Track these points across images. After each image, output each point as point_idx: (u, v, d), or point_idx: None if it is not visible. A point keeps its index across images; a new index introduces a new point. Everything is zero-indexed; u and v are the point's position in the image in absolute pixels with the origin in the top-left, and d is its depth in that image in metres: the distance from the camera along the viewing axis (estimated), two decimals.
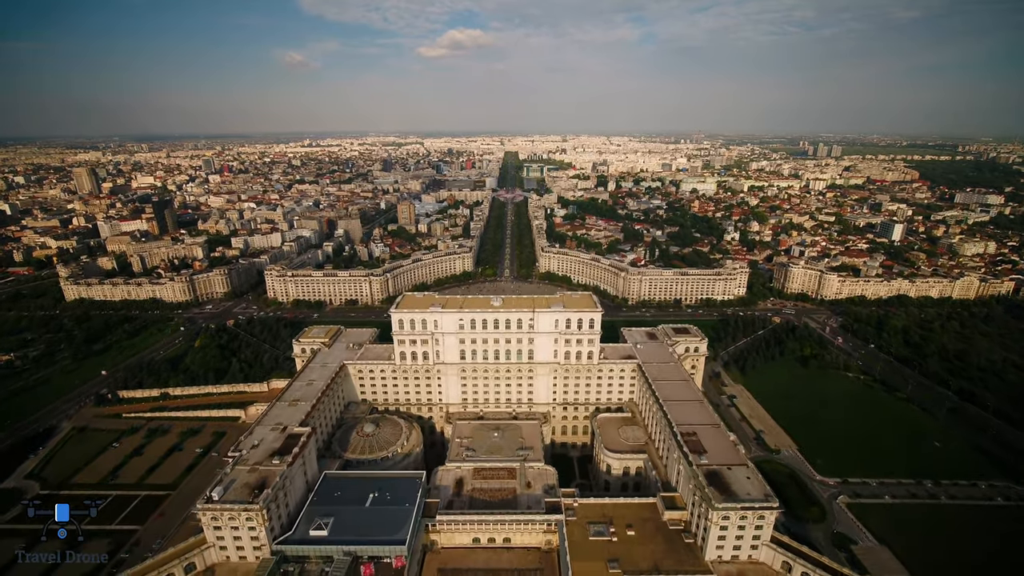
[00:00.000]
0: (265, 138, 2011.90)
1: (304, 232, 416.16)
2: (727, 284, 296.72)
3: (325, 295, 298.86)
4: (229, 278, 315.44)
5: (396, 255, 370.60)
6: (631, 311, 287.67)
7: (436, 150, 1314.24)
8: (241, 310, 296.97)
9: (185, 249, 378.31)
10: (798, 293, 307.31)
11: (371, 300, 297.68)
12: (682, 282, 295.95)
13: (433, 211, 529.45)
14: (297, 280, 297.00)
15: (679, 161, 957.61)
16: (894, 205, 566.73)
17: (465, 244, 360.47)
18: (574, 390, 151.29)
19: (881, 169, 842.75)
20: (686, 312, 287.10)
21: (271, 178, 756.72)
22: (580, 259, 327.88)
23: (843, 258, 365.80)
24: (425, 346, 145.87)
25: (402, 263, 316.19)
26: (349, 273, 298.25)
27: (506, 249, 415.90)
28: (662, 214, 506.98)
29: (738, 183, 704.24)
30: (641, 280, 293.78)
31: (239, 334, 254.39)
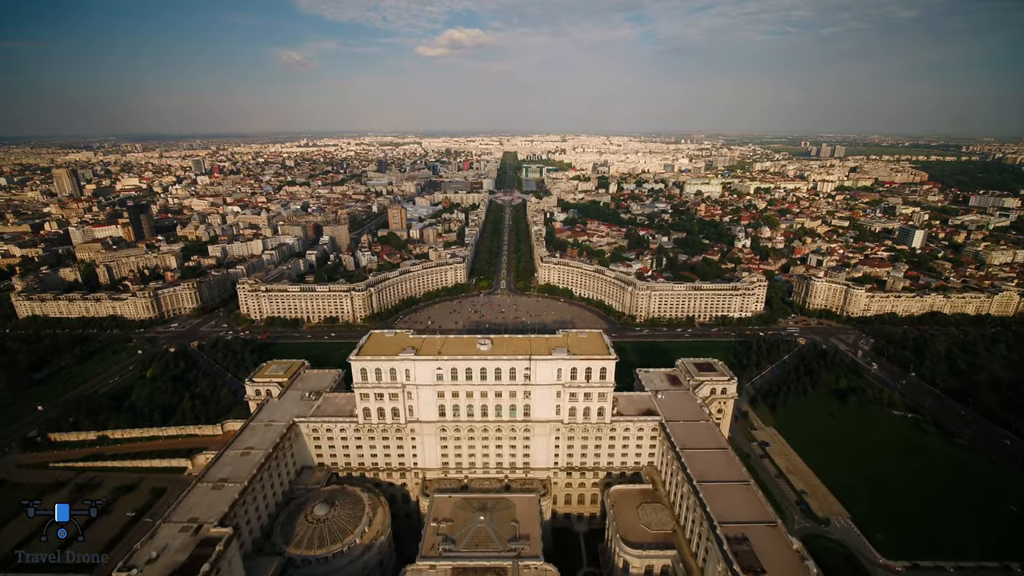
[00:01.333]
0: (263, 138, 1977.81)
1: (287, 239, 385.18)
2: (744, 300, 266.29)
3: (302, 312, 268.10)
4: (199, 292, 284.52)
5: (384, 265, 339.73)
6: (639, 330, 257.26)
7: (434, 150, 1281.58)
8: (210, 328, 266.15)
9: (157, 258, 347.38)
10: (821, 309, 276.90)
11: (353, 317, 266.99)
12: (695, 298, 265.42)
13: (427, 215, 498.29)
14: (271, 296, 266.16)
15: (681, 162, 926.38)
16: (907, 208, 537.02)
17: (459, 253, 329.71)
18: (580, 453, 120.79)
19: (889, 170, 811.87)
20: (700, 331, 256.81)
21: (262, 179, 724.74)
22: (582, 270, 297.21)
23: (864, 268, 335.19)
24: (395, 401, 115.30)
25: (388, 275, 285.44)
26: (328, 288, 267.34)
27: (503, 257, 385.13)
28: (667, 218, 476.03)
29: (743, 185, 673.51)
30: (650, 296, 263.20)
31: (200, 359, 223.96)
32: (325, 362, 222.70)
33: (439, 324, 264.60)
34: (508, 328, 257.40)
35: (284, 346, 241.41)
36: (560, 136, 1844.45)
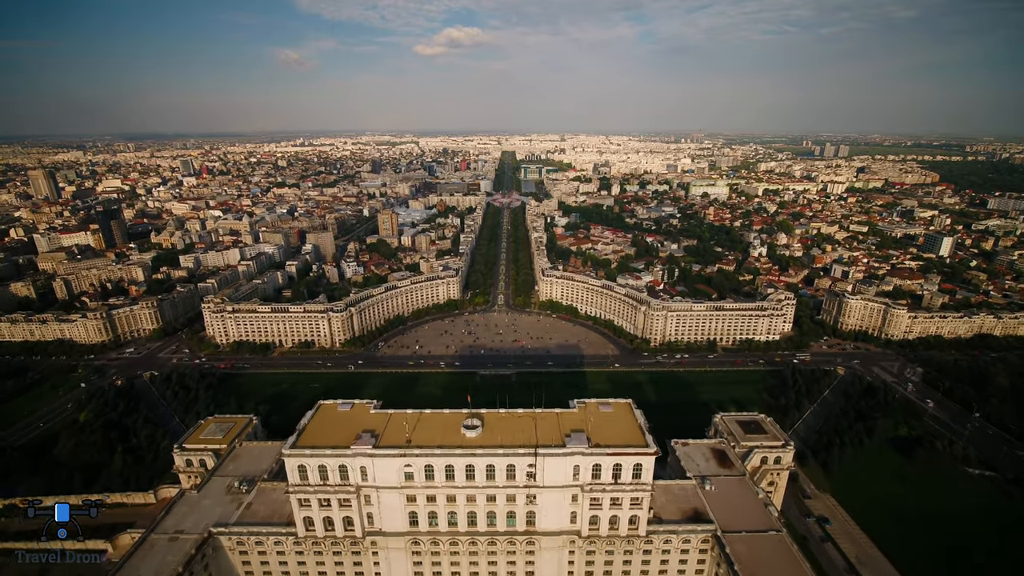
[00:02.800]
0: (260, 137, 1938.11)
1: (267, 248, 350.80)
2: (772, 321, 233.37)
3: (274, 335, 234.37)
4: (160, 311, 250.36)
5: (370, 277, 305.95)
6: (654, 356, 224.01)
7: (431, 149, 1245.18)
8: (169, 354, 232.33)
9: (122, 270, 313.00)
10: (856, 330, 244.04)
11: (331, 342, 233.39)
12: (717, 319, 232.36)
13: (420, 219, 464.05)
14: (239, 317, 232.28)
15: (683, 162, 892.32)
16: (925, 212, 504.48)
17: (452, 265, 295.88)
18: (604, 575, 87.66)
19: (898, 171, 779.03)
20: (724, 358, 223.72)
21: (251, 180, 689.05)
22: (588, 286, 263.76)
23: (894, 280, 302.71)
24: (347, 509, 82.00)
25: (372, 292, 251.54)
26: (303, 308, 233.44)
27: (500, 267, 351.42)
28: (676, 223, 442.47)
29: (750, 186, 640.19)
30: (667, 317, 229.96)
31: (148, 396, 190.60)
32: (292, 400, 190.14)
33: (428, 349, 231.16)
34: (506, 355, 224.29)
35: (249, 378, 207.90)
36: (559, 136, 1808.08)
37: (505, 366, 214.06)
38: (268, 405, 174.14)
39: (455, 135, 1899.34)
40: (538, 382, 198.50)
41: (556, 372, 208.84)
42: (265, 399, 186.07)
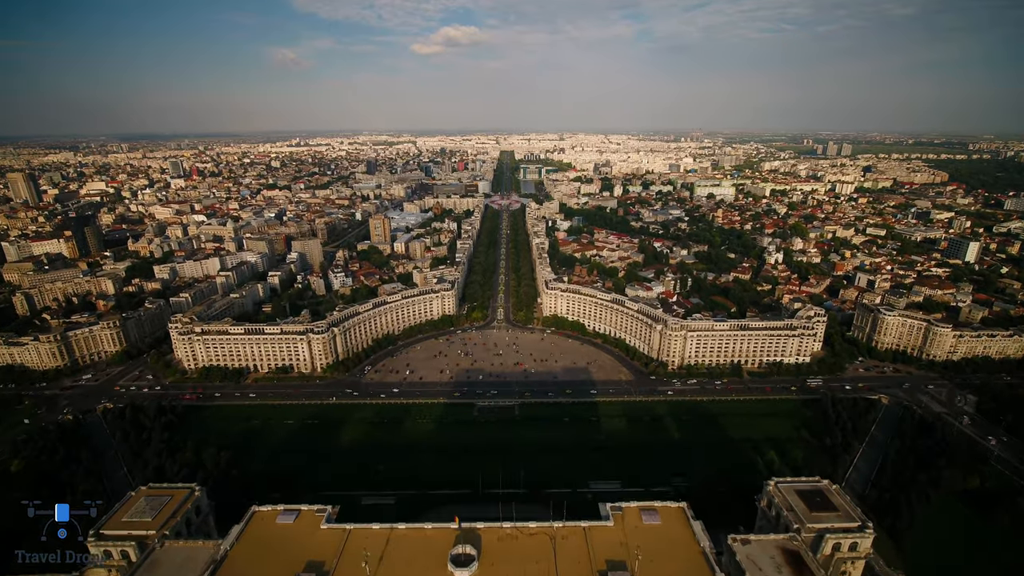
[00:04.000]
0: (257, 137, 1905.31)
1: (249, 256, 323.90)
2: (802, 341, 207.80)
3: (248, 359, 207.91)
4: (123, 331, 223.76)
5: (360, 289, 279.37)
6: (672, 383, 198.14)
7: (428, 149, 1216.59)
8: (131, 380, 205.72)
9: (91, 283, 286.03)
10: (894, 350, 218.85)
11: (311, 366, 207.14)
12: (742, 339, 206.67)
13: (415, 224, 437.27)
14: (208, 339, 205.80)
15: (686, 161, 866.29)
16: (942, 213, 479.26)
17: (448, 277, 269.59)
18: None
19: (905, 170, 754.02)
20: (752, 383, 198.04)
21: (242, 182, 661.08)
22: (597, 300, 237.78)
23: (923, 289, 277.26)
24: None
25: (358, 309, 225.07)
26: (280, 329, 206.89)
27: (500, 276, 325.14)
28: (684, 227, 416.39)
29: (756, 187, 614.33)
30: (686, 337, 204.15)
31: (98, 435, 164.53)
32: (262, 442, 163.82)
33: (420, 374, 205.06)
34: (507, 381, 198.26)
35: (215, 411, 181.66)
36: (558, 135, 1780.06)
37: (506, 395, 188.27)
38: (230, 451, 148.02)
39: (453, 135, 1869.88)
40: (544, 416, 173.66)
41: (564, 403, 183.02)
42: (230, 441, 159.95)
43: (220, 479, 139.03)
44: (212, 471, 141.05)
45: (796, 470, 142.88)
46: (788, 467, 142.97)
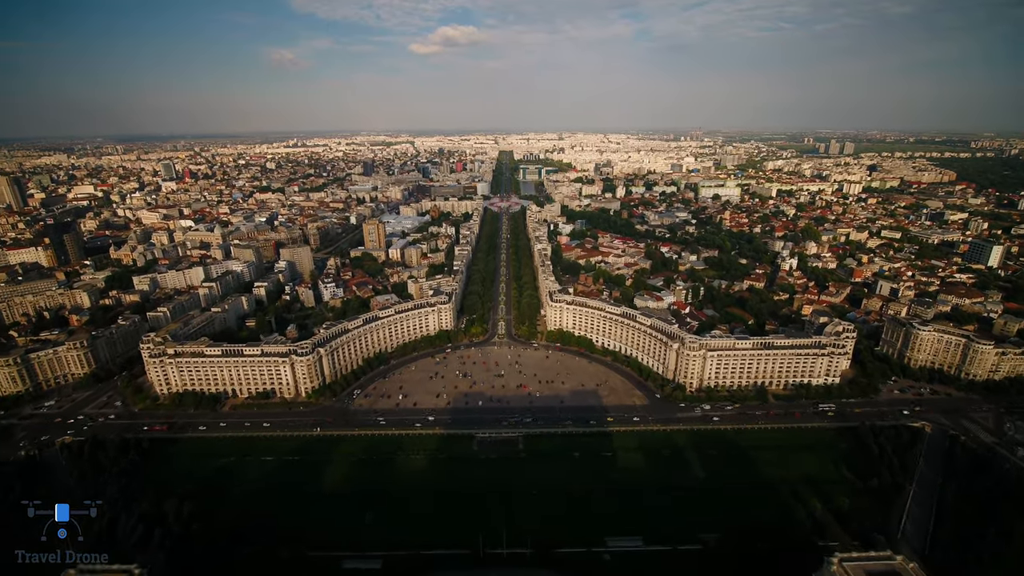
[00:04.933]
0: (255, 138, 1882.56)
1: (235, 265, 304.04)
2: (832, 360, 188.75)
3: (226, 383, 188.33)
4: (92, 351, 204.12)
5: (351, 301, 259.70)
6: (691, 408, 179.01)
7: (426, 150, 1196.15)
8: (98, 408, 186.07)
9: (65, 295, 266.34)
10: (929, 367, 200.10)
11: (295, 391, 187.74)
12: (766, 359, 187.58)
13: (412, 228, 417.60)
14: (182, 362, 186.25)
15: (687, 160, 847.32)
16: (955, 214, 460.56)
17: (445, 288, 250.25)
18: None
19: (912, 169, 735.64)
20: (778, 408, 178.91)
21: (235, 184, 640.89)
22: (606, 314, 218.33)
23: (950, 298, 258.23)
24: None
25: (347, 326, 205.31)
26: (261, 350, 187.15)
27: (500, 285, 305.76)
28: (692, 231, 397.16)
29: (762, 187, 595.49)
30: (705, 357, 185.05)
31: (54, 473, 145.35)
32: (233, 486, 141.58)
33: (414, 399, 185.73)
34: (510, 408, 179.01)
35: (186, 445, 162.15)
36: (557, 134, 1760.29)
37: (509, 424, 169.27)
38: (195, 502, 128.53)
39: (451, 135, 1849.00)
40: (552, 450, 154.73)
41: (573, 433, 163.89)
42: (199, 482, 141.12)
43: (181, 535, 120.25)
44: (173, 525, 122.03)
45: (843, 519, 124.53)
46: (834, 517, 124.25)
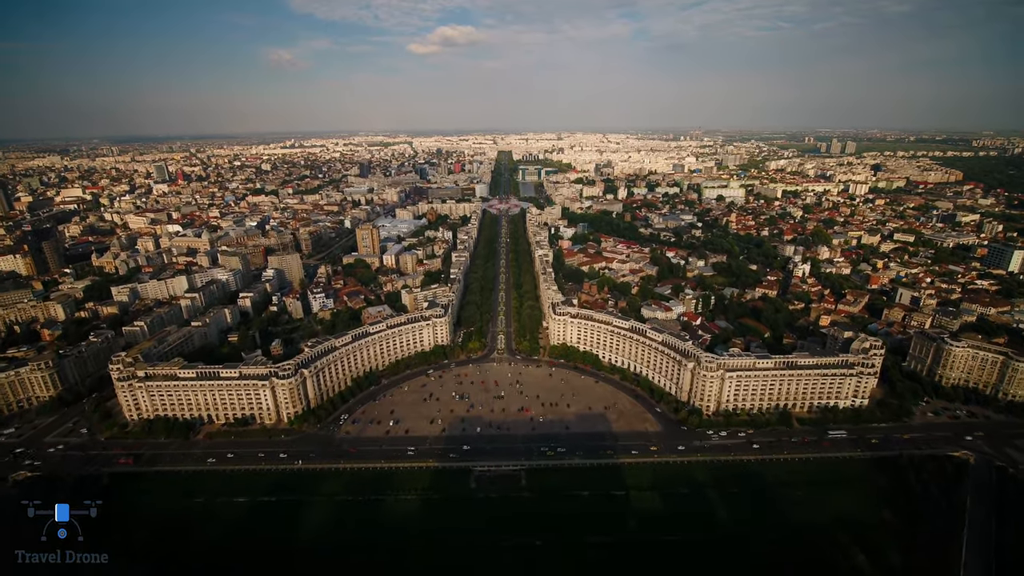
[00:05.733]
0: (253, 139, 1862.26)
1: (220, 274, 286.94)
2: (860, 380, 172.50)
3: (201, 408, 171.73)
4: (59, 372, 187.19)
5: (341, 312, 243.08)
6: (708, 435, 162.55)
7: (424, 150, 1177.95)
8: (60, 437, 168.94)
9: (37, 308, 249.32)
10: (963, 386, 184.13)
11: (276, 417, 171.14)
12: (789, 380, 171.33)
13: (407, 232, 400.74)
14: (152, 387, 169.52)
15: (689, 160, 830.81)
16: (967, 216, 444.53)
17: (440, 299, 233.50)
18: None
19: (917, 168, 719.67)
20: (805, 434, 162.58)
21: (228, 187, 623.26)
22: (613, 329, 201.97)
23: (975, 307, 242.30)
24: None
25: (335, 343, 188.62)
26: (239, 373, 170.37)
27: (499, 294, 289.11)
28: (698, 235, 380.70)
29: (767, 188, 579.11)
30: (723, 378, 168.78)
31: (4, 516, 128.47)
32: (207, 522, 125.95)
33: (406, 425, 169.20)
34: (511, 435, 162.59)
35: (152, 483, 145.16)
36: (556, 134, 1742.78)
37: (510, 453, 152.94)
38: (151, 563, 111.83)
39: (450, 135, 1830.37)
40: (557, 487, 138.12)
41: (581, 466, 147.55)
42: (162, 530, 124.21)
43: None
44: None
45: None
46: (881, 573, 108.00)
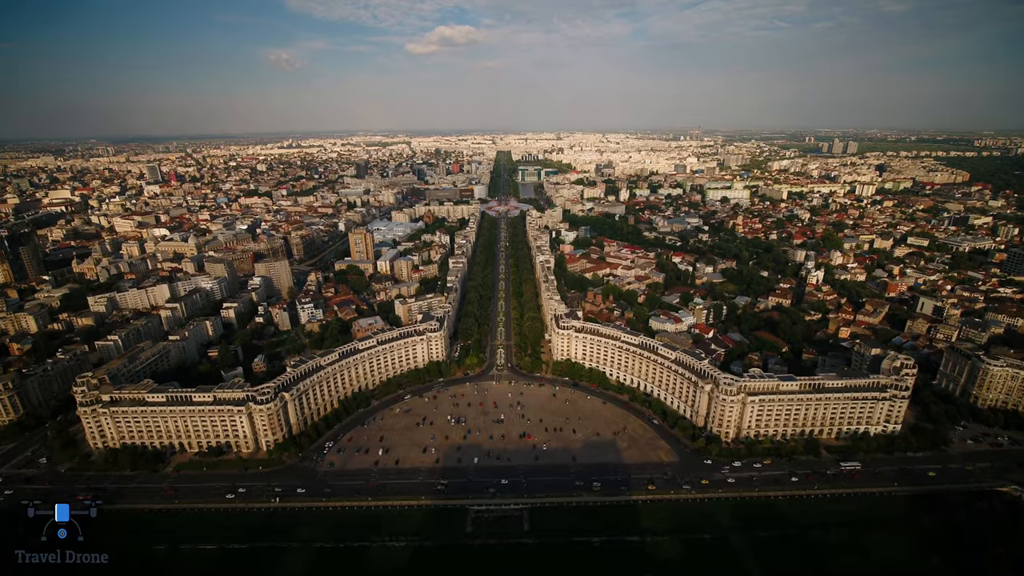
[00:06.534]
0: (251, 139, 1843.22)
1: (205, 282, 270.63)
2: (893, 405, 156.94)
3: (171, 436, 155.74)
4: (20, 394, 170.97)
5: (331, 324, 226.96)
6: (728, 464, 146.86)
7: (423, 150, 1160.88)
8: (17, 468, 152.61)
9: (9, 319, 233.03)
10: (1000, 408, 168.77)
11: (254, 445, 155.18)
12: (816, 404, 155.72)
13: (403, 236, 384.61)
14: (118, 412, 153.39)
15: (690, 160, 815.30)
16: (979, 218, 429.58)
17: (436, 311, 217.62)
18: None
19: (922, 169, 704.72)
20: (831, 460, 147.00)
21: (222, 188, 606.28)
22: (622, 345, 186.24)
23: (1001, 317, 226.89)
24: None
25: (320, 362, 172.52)
26: (213, 397, 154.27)
27: (499, 303, 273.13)
28: (705, 239, 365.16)
29: (772, 189, 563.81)
30: (744, 403, 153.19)
31: None
32: None
33: (397, 455, 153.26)
34: (512, 466, 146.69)
35: (111, 523, 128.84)
36: (555, 134, 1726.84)
37: (511, 488, 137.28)
38: None
39: (448, 135, 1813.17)
40: (564, 531, 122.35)
41: (591, 505, 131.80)
42: None
43: None
44: None
45: None
46: None
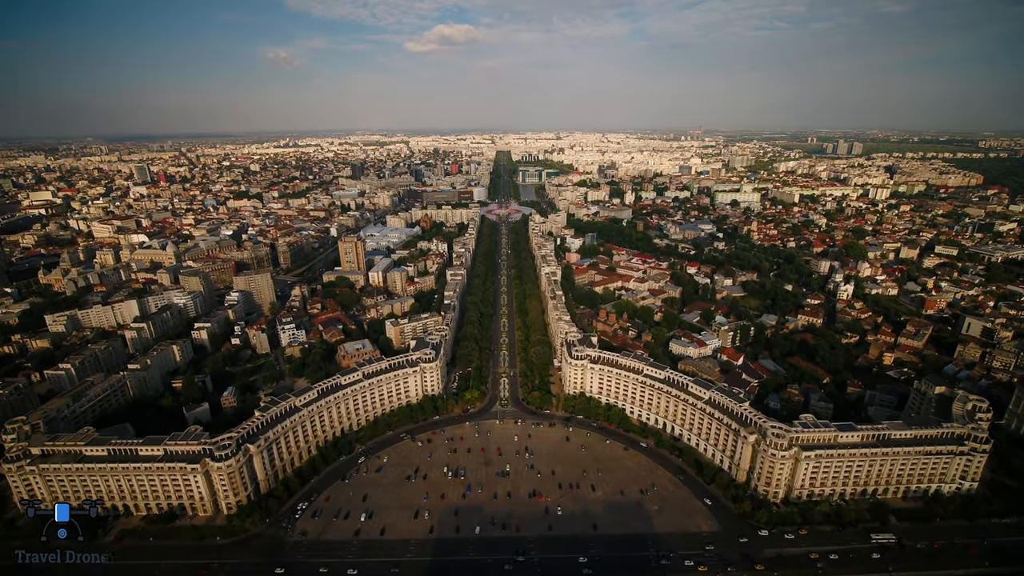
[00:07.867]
0: (250, 137, 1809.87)
1: (178, 297, 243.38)
2: (971, 459, 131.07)
3: (114, 497, 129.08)
4: None
5: (313, 347, 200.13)
6: (781, 534, 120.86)
7: (421, 150, 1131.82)
8: None
9: None
10: None
11: (211, 508, 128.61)
12: (881, 460, 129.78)
13: (398, 243, 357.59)
14: (49, 471, 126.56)
15: (694, 161, 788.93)
16: (1004, 224, 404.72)
17: (432, 336, 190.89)
18: None
19: (934, 171, 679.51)
20: (906, 537, 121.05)
21: (212, 189, 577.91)
22: (643, 378, 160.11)
23: None
24: None
25: (295, 403, 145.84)
26: (164, 451, 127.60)
27: (501, 321, 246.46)
28: (721, 247, 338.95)
29: (783, 192, 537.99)
30: (798, 459, 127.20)
31: None
32: None
33: (383, 521, 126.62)
34: (521, 535, 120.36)
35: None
36: (555, 133, 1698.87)
37: (521, 570, 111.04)
38: None
39: (447, 134, 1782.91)
40: None
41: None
42: None
43: None
44: None
45: None
46: None
